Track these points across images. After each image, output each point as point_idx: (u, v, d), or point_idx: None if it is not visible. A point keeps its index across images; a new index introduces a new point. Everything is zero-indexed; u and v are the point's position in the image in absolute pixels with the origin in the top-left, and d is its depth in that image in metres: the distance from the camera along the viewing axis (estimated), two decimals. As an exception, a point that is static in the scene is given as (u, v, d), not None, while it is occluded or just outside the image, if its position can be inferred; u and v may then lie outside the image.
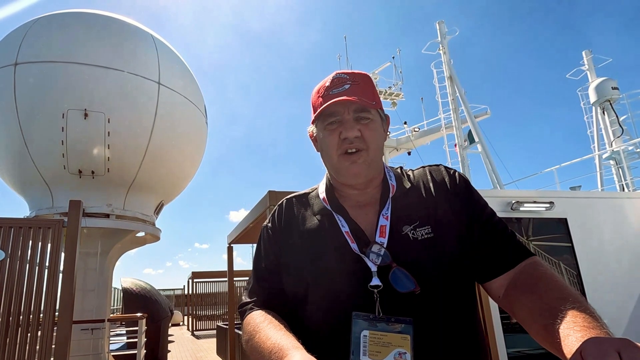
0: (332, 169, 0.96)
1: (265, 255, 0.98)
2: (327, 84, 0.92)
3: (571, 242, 4.67)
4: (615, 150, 11.33)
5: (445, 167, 0.98)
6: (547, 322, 0.64)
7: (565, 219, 4.77)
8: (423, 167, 1.00)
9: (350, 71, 0.94)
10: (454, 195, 0.91)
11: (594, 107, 12.59)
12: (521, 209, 4.61)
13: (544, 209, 4.70)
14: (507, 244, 0.88)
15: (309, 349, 0.70)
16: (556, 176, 9.87)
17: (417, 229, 0.85)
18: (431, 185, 0.93)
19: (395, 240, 0.85)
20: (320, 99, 0.91)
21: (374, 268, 0.82)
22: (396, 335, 0.74)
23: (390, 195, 0.92)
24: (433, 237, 0.84)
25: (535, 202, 4.69)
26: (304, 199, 1.01)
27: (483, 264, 0.86)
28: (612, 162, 11.62)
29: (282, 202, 1.04)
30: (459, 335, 0.81)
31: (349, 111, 0.89)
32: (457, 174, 0.96)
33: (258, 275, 0.98)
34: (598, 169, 12.02)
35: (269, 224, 1.02)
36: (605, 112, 12.21)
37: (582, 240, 4.70)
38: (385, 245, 0.84)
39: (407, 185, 0.94)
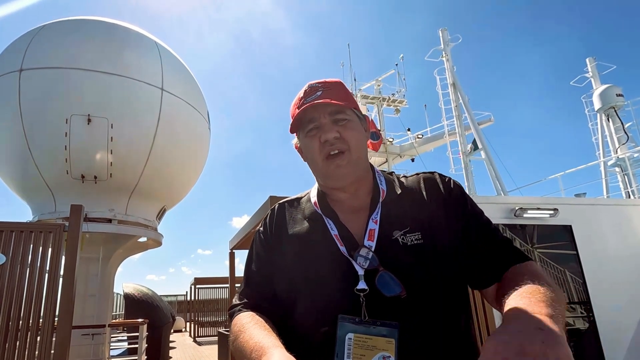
0: (319, 175, 0.97)
1: (256, 259, 1.00)
2: (301, 95, 0.95)
3: (576, 249, 4.61)
4: (620, 157, 11.25)
5: (440, 175, 0.98)
6: (504, 299, 0.66)
7: (570, 226, 4.72)
8: (417, 174, 1.00)
9: (322, 80, 0.97)
10: (447, 203, 0.91)
11: (598, 114, 12.53)
12: (525, 215, 4.56)
13: (548, 215, 4.65)
14: (504, 251, 0.87)
15: (295, 350, 0.70)
16: (560, 183, 9.81)
17: (407, 235, 0.85)
18: (424, 192, 0.93)
19: (384, 245, 0.85)
20: (297, 110, 0.94)
21: (361, 272, 0.82)
22: (381, 339, 0.74)
23: (380, 199, 0.92)
24: (423, 244, 0.84)
25: (539, 208, 4.64)
26: (295, 204, 1.03)
27: (479, 272, 0.86)
28: (617, 169, 11.54)
29: (275, 207, 1.06)
30: (446, 340, 0.80)
31: (324, 115, 0.92)
32: (451, 181, 0.96)
33: (249, 278, 0.99)
34: (603, 176, 11.92)
35: (261, 229, 1.03)
36: (610, 119, 12.15)
37: (588, 247, 4.64)
38: (373, 249, 0.84)
39: (399, 190, 0.95)
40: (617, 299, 4.49)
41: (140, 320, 6.55)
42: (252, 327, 0.81)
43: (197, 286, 15.59)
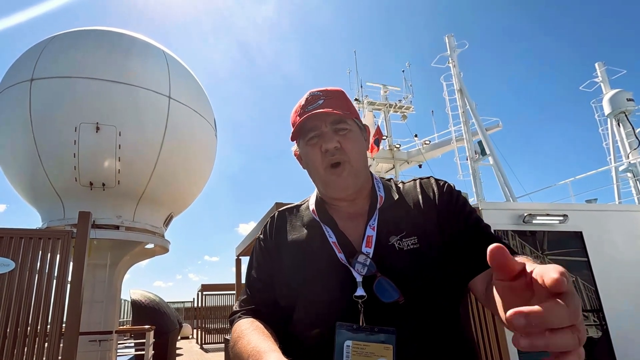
0: (320, 184, 0.97)
1: (256, 266, 1.01)
2: (303, 102, 0.96)
3: (587, 256, 4.53)
4: (632, 162, 11.09)
5: (436, 179, 0.98)
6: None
7: (581, 232, 4.64)
8: (414, 179, 1.01)
9: (323, 88, 0.97)
10: (441, 206, 0.91)
11: (608, 119, 12.40)
12: (533, 221, 4.50)
13: (558, 222, 4.58)
14: (488, 243, 0.83)
15: (293, 356, 0.70)
16: (570, 189, 9.68)
17: (404, 240, 0.85)
18: (420, 197, 0.93)
19: (381, 251, 0.85)
20: (298, 117, 0.94)
21: (359, 278, 0.82)
22: (379, 345, 0.74)
23: (378, 206, 0.93)
24: (419, 248, 0.84)
25: (548, 214, 4.58)
26: (295, 211, 1.04)
27: (464, 263, 0.84)
28: (629, 174, 11.37)
29: (275, 214, 1.07)
30: (444, 345, 0.80)
31: (326, 124, 0.92)
32: (446, 184, 0.96)
33: (249, 285, 1.00)
34: (615, 182, 11.74)
35: (262, 236, 1.05)
36: (620, 124, 12.00)
37: (599, 254, 4.55)
38: (371, 256, 0.84)
39: (396, 196, 0.95)
40: (629, 305, 4.39)
41: (147, 326, 6.56)
42: (251, 333, 0.82)
43: (204, 293, 15.60)
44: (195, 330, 17.87)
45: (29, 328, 3.27)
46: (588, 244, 4.57)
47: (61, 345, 3.31)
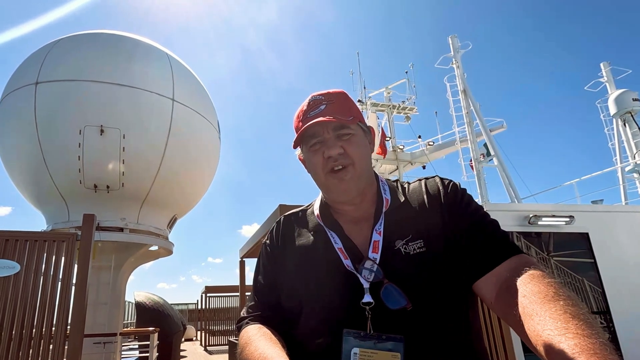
0: (322, 188, 0.97)
1: (263, 272, 1.00)
2: (305, 107, 0.94)
3: (593, 257, 4.49)
4: (638, 163, 11.00)
5: (441, 178, 0.96)
6: (537, 325, 0.58)
7: (587, 234, 4.60)
8: (419, 179, 0.99)
9: (325, 91, 0.96)
10: (446, 206, 0.89)
11: (614, 119, 12.31)
12: (539, 223, 4.46)
13: (564, 223, 4.54)
14: (493, 242, 0.82)
15: None
16: (576, 190, 9.60)
17: (410, 244, 0.83)
18: (425, 197, 0.91)
19: (387, 256, 0.83)
20: (300, 123, 0.93)
21: (366, 285, 0.81)
22: (386, 353, 0.73)
23: (384, 209, 0.91)
24: (425, 251, 0.82)
25: (553, 216, 4.54)
26: (300, 216, 1.03)
27: (469, 263, 0.82)
28: (635, 175, 11.27)
29: (280, 219, 1.07)
30: (453, 352, 0.77)
31: (328, 130, 0.91)
32: (451, 183, 0.94)
33: (256, 291, 1.00)
34: (621, 182, 11.65)
35: (268, 241, 1.04)
36: (626, 124, 11.92)
37: (605, 255, 4.51)
38: (377, 261, 0.82)
39: (402, 198, 0.93)
40: (637, 308, 4.34)
41: (151, 328, 6.58)
42: (258, 339, 0.81)
43: (208, 295, 15.60)
44: (199, 332, 17.88)
45: (33, 330, 3.28)
46: (594, 245, 4.53)
47: (66, 347, 3.32)
